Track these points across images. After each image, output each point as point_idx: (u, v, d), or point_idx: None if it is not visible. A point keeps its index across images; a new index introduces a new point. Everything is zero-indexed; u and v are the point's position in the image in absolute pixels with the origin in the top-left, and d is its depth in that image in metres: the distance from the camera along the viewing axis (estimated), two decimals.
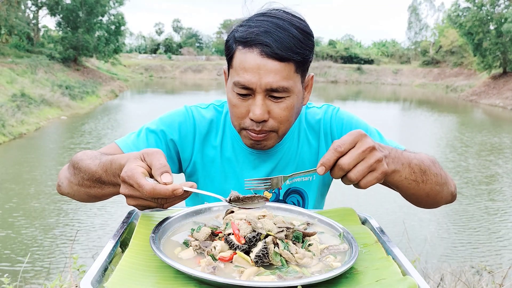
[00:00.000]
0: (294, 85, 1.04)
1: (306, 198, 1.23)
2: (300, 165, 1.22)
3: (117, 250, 0.87)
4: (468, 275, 3.41)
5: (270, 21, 1.02)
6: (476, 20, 30.22)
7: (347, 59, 52.63)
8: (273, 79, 1.01)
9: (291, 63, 1.02)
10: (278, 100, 1.04)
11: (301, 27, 1.03)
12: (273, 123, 1.07)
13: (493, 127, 16.84)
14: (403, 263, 0.82)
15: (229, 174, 1.22)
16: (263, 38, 1.00)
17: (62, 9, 29.13)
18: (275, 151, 1.20)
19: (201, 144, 1.21)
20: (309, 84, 1.13)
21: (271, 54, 1.00)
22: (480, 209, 7.33)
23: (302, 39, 1.02)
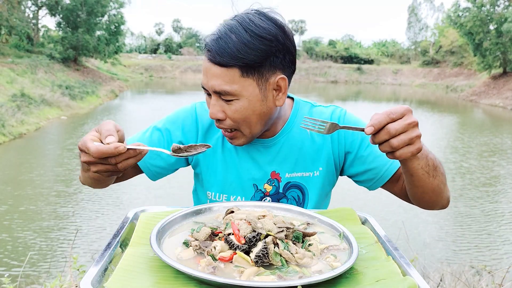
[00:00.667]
0: (241, 89, 1.07)
1: (306, 194, 1.24)
2: (301, 159, 1.24)
3: (117, 250, 0.87)
4: (468, 275, 3.41)
5: (229, 25, 1.07)
6: (477, 20, 30.23)
7: (347, 59, 52.65)
8: (215, 83, 1.07)
9: (235, 68, 1.05)
10: (229, 102, 1.09)
11: (256, 31, 1.05)
12: (230, 122, 1.12)
13: (494, 128, 16.81)
14: (403, 263, 0.82)
15: (230, 164, 1.25)
16: (210, 43, 1.07)
17: (62, 9, 29.12)
18: (274, 143, 1.23)
19: (204, 136, 1.27)
20: (281, 86, 1.13)
21: (212, 60, 1.06)
22: (480, 209, 7.34)
23: (250, 43, 1.04)
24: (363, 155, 1.24)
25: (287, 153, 1.24)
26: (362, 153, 1.24)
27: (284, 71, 1.12)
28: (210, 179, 1.26)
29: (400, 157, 0.92)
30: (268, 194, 1.24)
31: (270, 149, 1.24)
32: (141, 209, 1.09)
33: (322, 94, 32.00)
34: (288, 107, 1.26)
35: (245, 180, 1.23)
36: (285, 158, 1.24)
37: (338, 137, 1.25)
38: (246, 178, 1.23)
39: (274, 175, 1.23)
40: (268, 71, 1.09)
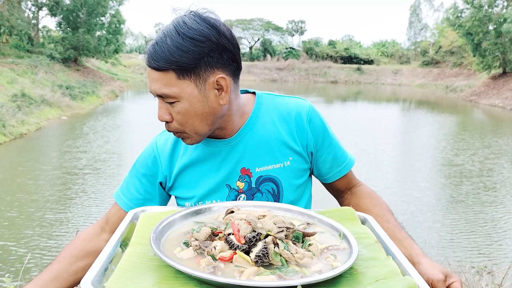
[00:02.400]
0: (180, 91, 1.09)
1: (281, 186, 1.24)
2: (269, 152, 1.23)
3: (117, 250, 0.87)
4: (468, 275, 3.41)
5: (166, 29, 1.09)
6: (475, 20, 30.22)
7: (347, 59, 52.63)
8: (155, 87, 1.09)
9: (170, 71, 1.07)
10: (172, 104, 1.11)
11: (187, 33, 1.06)
12: (176, 125, 1.14)
13: (499, 129, 16.72)
14: (403, 263, 0.82)
15: (200, 174, 1.25)
16: (148, 49, 1.09)
17: (62, 10, 29.12)
18: (238, 140, 1.23)
19: (169, 163, 1.28)
20: (223, 85, 1.13)
21: (149, 65, 1.09)
22: (480, 209, 7.34)
23: (182, 46, 1.06)
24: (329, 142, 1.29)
25: (254, 147, 1.23)
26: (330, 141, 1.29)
27: (224, 70, 1.11)
28: (185, 193, 1.27)
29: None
30: (242, 191, 1.23)
31: (236, 147, 1.23)
32: (141, 209, 1.09)
33: (322, 94, 32.00)
34: (249, 102, 1.26)
35: (217, 182, 1.23)
36: (252, 153, 1.23)
37: (304, 134, 1.25)
38: (218, 180, 1.23)
39: (244, 171, 1.23)
40: (205, 71, 1.09)
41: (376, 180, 8.14)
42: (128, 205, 1.28)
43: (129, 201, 1.29)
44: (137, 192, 1.29)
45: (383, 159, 10.65)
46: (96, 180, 8.27)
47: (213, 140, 1.23)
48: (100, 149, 10.95)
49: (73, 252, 1.23)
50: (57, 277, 1.20)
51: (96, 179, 8.33)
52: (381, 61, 53.29)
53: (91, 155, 10.22)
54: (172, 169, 1.27)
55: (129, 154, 10.49)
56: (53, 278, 1.19)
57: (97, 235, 1.27)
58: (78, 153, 10.50)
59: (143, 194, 1.28)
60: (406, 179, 9.04)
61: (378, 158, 10.57)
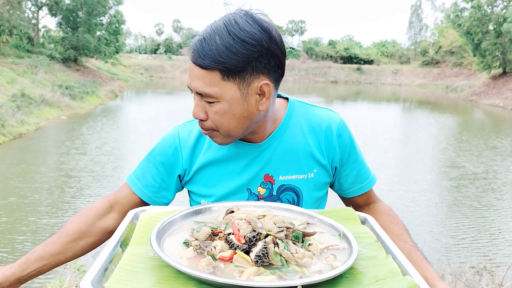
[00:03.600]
0: (222, 92, 1.06)
1: (301, 196, 1.24)
2: (295, 162, 1.22)
3: (117, 250, 0.87)
4: (468, 275, 3.41)
5: (211, 28, 1.06)
6: (475, 20, 30.23)
7: (347, 59, 52.65)
8: (197, 84, 1.07)
9: (216, 71, 1.05)
10: (211, 104, 1.09)
11: (239, 34, 1.03)
12: (210, 124, 1.12)
13: (502, 129, 16.67)
14: (403, 263, 0.82)
15: (222, 174, 1.24)
16: (194, 45, 1.07)
17: (62, 9, 29.13)
18: (266, 146, 1.22)
19: (191, 157, 1.25)
20: (265, 92, 1.11)
21: (195, 61, 1.06)
22: (480, 209, 7.34)
23: (231, 47, 1.03)
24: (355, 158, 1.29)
25: (281, 155, 1.22)
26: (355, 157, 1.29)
27: (269, 76, 1.09)
28: (203, 190, 1.25)
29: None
30: (262, 197, 1.22)
31: (263, 152, 1.22)
32: (141, 209, 1.09)
33: (322, 94, 32.00)
34: (281, 109, 1.24)
35: (238, 185, 1.22)
36: (278, 160, 1.22)
37: (333, 149, 1.25)
38: (239, 183, 1.22)
39: (267, 177, 1.22)
40: (250, 75, 1.07)
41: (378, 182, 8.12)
42: (143, 191, 1.26)
43: (143, 187, 1.26)
44: (152, 180, 1.26)
45: (384, 160, 10.65)
46: (92, 183, 8.22)
47: (241, 142, 1.21)
48: (98, 151, 10.93)
49: (83, 228, 1.22)
50: (64, 251, 1.19)
51: (92, 182, 8.28)
52: (381, 61, 53.30)
53: (89, 157, 10.19)
54: (193, 164, 1.25)
55: (126, 156, 10.47)
56: (59, 251, 1.19)
57: (107, 213, 1.25)
58: (76, 154, 10.48)
59: (159, 183, 1.26)
60: (407, 180, 9.04)
61: (379, 159, 10.57)
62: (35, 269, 1.16)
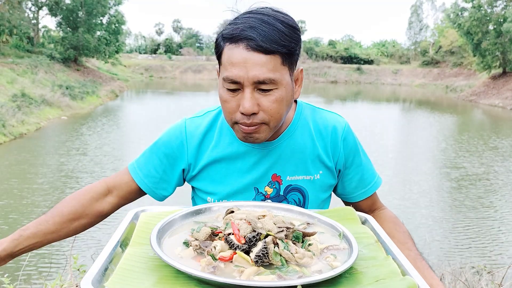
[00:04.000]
0: (281, 77, 1.06)
1: (307, 197, 1.24)
2: (302, 163, 1.23)
3: (117, 250, 0.87)
4: (468, 275, 3.41)
5: (255, 17, 1.05)
6: (475, 20, 30.23)
7: (347, 59, 52.64)
8: (259, 72, 1.03)
9: (277, 55, 1.04)
10: (267, 92, 1.06)
11: (286, 21, 1.06)
12: (264, 116, 1.08)
13: (503, 130, 16.63)
14: (403, 263, 0.82)
15: (229, 172, 1.23)
16: (248, 32, 1.03)
17: (62, 9, 29.13)
18: (275, 146, 1.21)
19: (196, 153, 1.24)
20: (299, 78, 1.16)
21: (256, 47, 1.03)
22: (480, 209, 7.34)
23: (287, 32, 1.05)
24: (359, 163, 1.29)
25: (289, 156, 1.22)
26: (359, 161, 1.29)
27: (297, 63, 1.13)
28: (209, 187, 1.25)
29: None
30: (269, 196, 1.22)
31: (272, 151, 1.22)
32: (141, 209, 1.09)
33: (322, 94, 31.99)
34: (290, 110, 1.23)
35: (245, 184, 1.22)
36: (287, 161, 1.22)
37: (338, 152, 1.25)
38: (246, 181, 1.22)
39: (275, 177, 1.22)
40: (296, 61, 1.10)
41: None
42: (143, 181, 1.25)
43: (144, 177, 1.25)
44: (154, 171, 1.25)
45: (384, 160, 10.64)
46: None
47: None
48: (98, 151, 10.92)
49: (78, 209, 1.21)
50: (57, 231, 1.19)
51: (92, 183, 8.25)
52: (381, 61, 53.30)
53: (88, 158, 10.18)
54: (199, 159, 1.24)
55: (126, 156, 10.45)
56: (53, 231, 1.19)
57: (104, 196, 1.25)
58: (76, 155, 10.48)
59: (160, 174, 1.25)
60: (407, 180, 9.04)
61: (379, 159, 10.56)
62: (27, 245, 1.16)
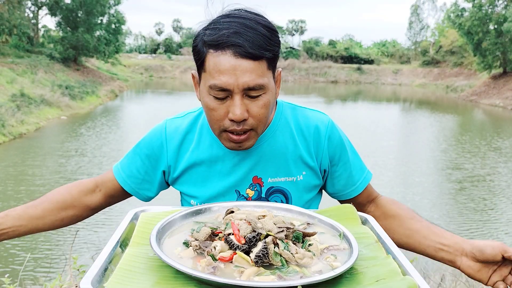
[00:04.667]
0: (268, 82, 1.07)
1: (290, 198, 1.22)
2: (284, 164, 1.21)
3: (117, 250, 0.87)
4: None
5: (237, 22, 1.04)
6: (475, 20, 30.23)
7: (347, 59, 52.64)
8: (249, 78, 1.03)
9: (264, 60, 1.05)
10: (255, 98, 1.07)
11: (266, 24, 1.06)
12: (252, 121, 1.08)
13: (503, 130, 16.59)
14: (403, 263, 0.82)
15: (209, 175, 1.22)
16: (234, 39, 1.02)
17: (61, 9, 29.13)
18: (254, 148, 1.20)
19: (176, 154, 1.24)
20: (278, 79, 1.16)
21: (244, 54, 1.02)
22: (480, 209, 7.34)
23: (269, 36, 1.05)
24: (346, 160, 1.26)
25: (270, 157, 1.20)
26: (346, 158, 1.26)
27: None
28: (192, 190, 1.24)
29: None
30: (251, 199, 1.21)
31: (252, 153, 1.20)
32: (141, 209, 1.09)
33: (322, 94, 31.99)
34: None
35: (226, 187, 1.21)
36: (267, 162, 1.20)
37: (321, 150, 1.23)
38: (227, 184, 1.21)
39: (256, 180, 1.21)
40: (276, 64, 1.11)
41: (378, 184, 8.14)
42: (126, 181, 1.26)
43: (127, 178, 1.26)
44: (137, 171, 1.26)
45: (385, 161, 10.62)
46: None
47: None
48: (97, 152, 10.91)
49: (68, 199, 1.23)
50: (44, 217, 1.21)
51: None
52: (382, 61, 53.29)
53: (87, 159, 10.17)
54: (179, 161, 1.24)
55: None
56: (39, 216, 1.20)
57: (92, 191, 1.27)
58: (75, 156, 10.46)
59: (142, 175, 1.26)
60: (408, 181, 9.04)
61: (379, 160, 10.55)
62: (10, 226, 1.17)
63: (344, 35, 75.38)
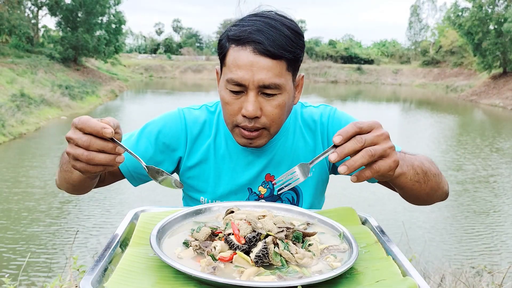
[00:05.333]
0: (285, 83, 1.07)
1: (301, 195, 1.25)
2: (295, 161, 1.23)
3: (117, 250, 0.87)
4: (468, 276, 3.41)
5: (262, 21, 1.05)
6: (476, 20, 30.24)
7: (347, 59, 52.65)
8: (265, 76, 1.04)
9: (283, 60, 1.05)
10: (270, 97, 1.07)
11: (292, 27, 1.07)
12: (265, 120, 1.09)
13: (504, 130, 16.56)
14: (403, 263, 0.82)
15: (223, 170, 1.23)
16: (255, 36, 1.03)
17: (61, 9, 29.14)
18: (268, 147, 1.22)
19: (193, 144, 1.24)
20: (299, 84, 1.17)
21: (263, 52, 1.03)
22: (480, 209, 7.33)
23: (293, 38, 1.06)
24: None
25: (282, 156, 1.23)
26: None
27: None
28: (203, 185, 1.24)
29: (378, 171, 0.84)
30: (263, 196, 1.23)
31: (266, 152, 1.22)
32: (141, 209, 1.09)
33: (322, 94, 31.98)
34: None
35: (239, 184, 1.22)
36: (280, 161, 1.23)
37: (329, 138, 1.25)
38: (240, 182, 1.22)
39: (269, 177, 1.23)
40: (299, 67, 1.12)
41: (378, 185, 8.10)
42: (125, 164, 1.20)
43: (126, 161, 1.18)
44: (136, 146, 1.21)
45: None
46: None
47: None
48: None
49: None
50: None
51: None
52: (382, 61, 53.30)
53: None
54: (194, 153, 1.23)
55: None
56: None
57: None
58: None
59: (142, 152, 1.21)
60: None
61: None
62: None
63: (344, 35, 75.38)
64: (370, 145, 0.82)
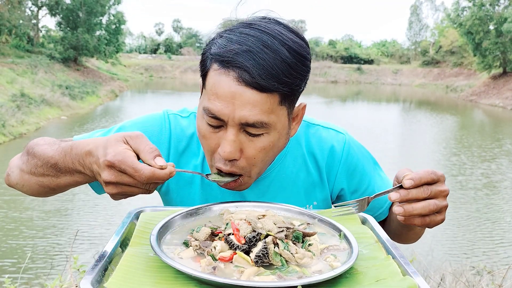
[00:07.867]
0: (276, 120, 0.87)
1: None
2: (295, 192, 1.09)
3: (117, 250, 0.87)
4: (468, 276, 3.41)
5: (256, 37, 0.83)
6: (476, 19, 30.25)
7: (347, 59, 52.66)
8: (249, 113, 0.83)
9: (275, 94, 0.84)
10: (254, 137, 0.87)
11: (295, 48, 0.85)
12: (244, 164, 0.90)
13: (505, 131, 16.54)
14: (403, 263, 0.82)
15: (210, 199, 1.08)
16: (242, 59, 0.82)
17: (62, 9, 29.15)
18: (265, 175, 1.06)
19: (177, 161, 1.05)
20: (299, 115, 0.97)
21: (250, 82, 0.82)
22: (480, 210, 7.33)
23: (293, 64, 0.84)
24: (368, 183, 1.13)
25: (279, 186, 1.07)
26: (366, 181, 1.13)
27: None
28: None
29: (428, 224, 0.86)
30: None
31: (260, 182, 1.05)
32: (141, 209, 1.09)
33: (322, 94, 31.99)
34: None
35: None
36: (277, 191, 1.07)
37: (336, 178, 1.11)
38: None
39: None
40: (298, 97, 0.91)
41: None
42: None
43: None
44: None
45: (385, 163, 10.62)
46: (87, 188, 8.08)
47: None
48: None
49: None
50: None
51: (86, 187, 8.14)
52: (381, 61, 53.31)
53: None
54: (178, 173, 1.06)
55: None
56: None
57: None
58: None
59: None
60: None
61: (380, 161, 10.52)
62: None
63: (344, 35, 75.38)
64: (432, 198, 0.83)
